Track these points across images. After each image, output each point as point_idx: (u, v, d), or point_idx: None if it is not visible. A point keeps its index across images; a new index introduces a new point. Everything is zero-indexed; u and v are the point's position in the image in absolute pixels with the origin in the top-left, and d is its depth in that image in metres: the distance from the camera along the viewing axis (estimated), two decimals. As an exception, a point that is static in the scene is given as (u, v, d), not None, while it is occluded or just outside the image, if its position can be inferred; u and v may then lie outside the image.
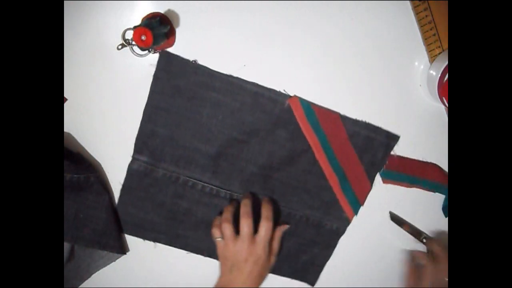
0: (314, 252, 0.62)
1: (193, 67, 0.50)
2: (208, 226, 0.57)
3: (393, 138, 0.55)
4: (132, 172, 0.55)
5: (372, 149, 0.55)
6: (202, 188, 0.56)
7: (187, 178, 0.56)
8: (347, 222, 0.59)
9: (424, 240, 0.61)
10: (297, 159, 0.55)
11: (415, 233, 0.61)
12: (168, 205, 0.57)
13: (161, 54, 0.49)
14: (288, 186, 0.57)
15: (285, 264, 0.62)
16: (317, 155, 0.54)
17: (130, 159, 0.55)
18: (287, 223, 0.58)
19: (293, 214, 0.59)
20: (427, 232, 0.62)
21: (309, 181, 0.56)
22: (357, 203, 0.58)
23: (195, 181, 0.56)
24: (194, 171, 0.55)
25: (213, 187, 0.56)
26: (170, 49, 0.49)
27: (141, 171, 0.55)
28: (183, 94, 0.51)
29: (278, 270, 0.62)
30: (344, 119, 0.53)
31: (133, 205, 0.57)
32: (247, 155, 0.54)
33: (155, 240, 0.60)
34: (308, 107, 0.52)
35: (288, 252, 0.61)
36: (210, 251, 0.60)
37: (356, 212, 0.59)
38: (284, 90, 0.51)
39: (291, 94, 0.52)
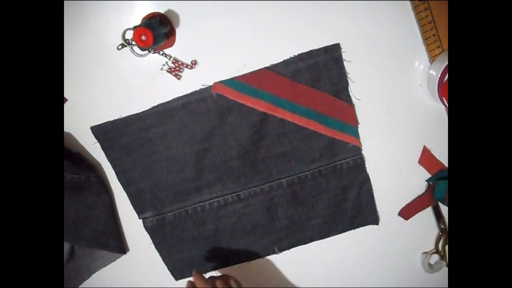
0: (353, 194, 0.57)
1: (122, 122, 0.52)
2: (242, 231, 0.59)
3: (334, 49, 0.50)
4: (150, 230, 0.58)
5: (322, 73, 0.51)
6: (210, 205, 0.57)
7: (192, 206, 0.57)
8: (358, 149, 0.55)
9: (442, 226, 0.57)
10: (265, 130, 0.53)
11: (438, 215, 0.58)
12: (198, 236, 0.59)
13: (92, 130, 0.53)
14: (277, 157, 0.55)
15: (336, 222, 0.59)
16: (277, 115, 0.52)
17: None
18: (303, 188, 0.57)
19: (303, 177, 0.56)
20: None
21: (291, 140, 0.54)
22: (351, 128, 0.54)
23: (200, 204, 0.57)
24: (192, 197, 0.56)
25: (218, 199, 0.57)
26: (169, 49, 0.49)
27: (156, 224, 0.58)
28: (133, 146, 0.54)
29: (335, 230, 0.59)
30: (274, 67, 0.50)
31: (174, 253, 0.60)
32: (220, 157, 0.54)
33: (214, 268, 0.61)
34: (233, 82, 0.51)
35: (330, 210, 0.58)
36: (262, 251, 0.60)
37: (356, 135, 0.54)
38: (202, 85, 0.51)
39: (211, 84, 0.51)
